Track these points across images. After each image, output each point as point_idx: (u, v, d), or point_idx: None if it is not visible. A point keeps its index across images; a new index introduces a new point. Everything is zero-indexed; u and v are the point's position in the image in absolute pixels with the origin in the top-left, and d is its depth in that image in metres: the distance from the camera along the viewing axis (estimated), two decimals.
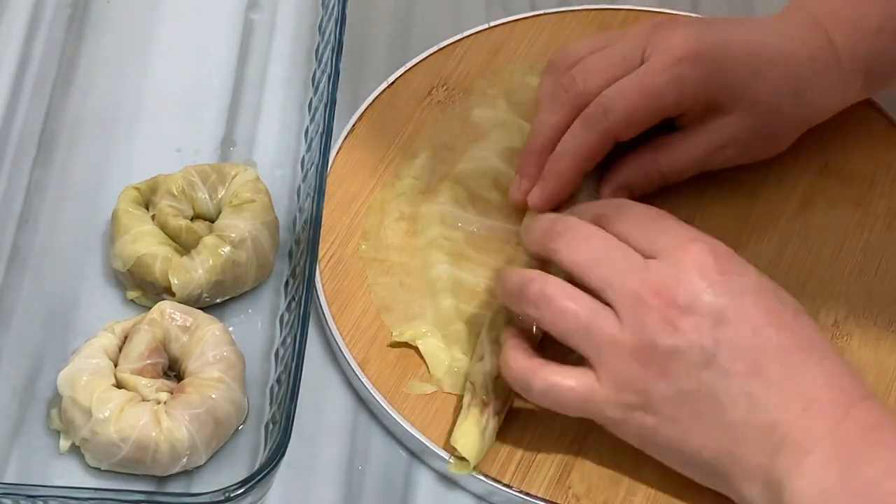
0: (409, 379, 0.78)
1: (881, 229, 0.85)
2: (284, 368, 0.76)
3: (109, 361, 0.77)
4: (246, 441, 0.77)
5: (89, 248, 0.84)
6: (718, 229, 0.84)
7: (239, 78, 0.91)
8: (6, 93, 0.90)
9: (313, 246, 0.78)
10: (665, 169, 0.83)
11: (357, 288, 0.82)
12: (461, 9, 0.95)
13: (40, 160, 0.87)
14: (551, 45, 0.92)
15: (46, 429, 0.77)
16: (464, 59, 0.91)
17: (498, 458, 0.76)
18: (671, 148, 0.83)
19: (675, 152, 0.83)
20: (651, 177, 0.83)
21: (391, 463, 0.77)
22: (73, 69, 0.91)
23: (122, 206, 0.82)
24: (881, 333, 0.81)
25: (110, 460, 0.75)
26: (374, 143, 0.88)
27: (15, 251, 0.84)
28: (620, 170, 0.83)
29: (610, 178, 0.83)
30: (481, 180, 0.85)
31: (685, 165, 0.83)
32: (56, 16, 0.94)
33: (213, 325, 0.78)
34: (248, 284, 0.82)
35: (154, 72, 0.92)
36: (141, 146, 0.88)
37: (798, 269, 0.83)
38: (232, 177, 0.83)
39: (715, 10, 0.95)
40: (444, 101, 0.89)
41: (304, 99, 0.90)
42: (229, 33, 0.94)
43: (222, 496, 0.70)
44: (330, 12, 0.89)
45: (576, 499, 0.75)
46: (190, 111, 0.90)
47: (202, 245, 0.80)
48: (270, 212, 0.83)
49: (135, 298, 0.81)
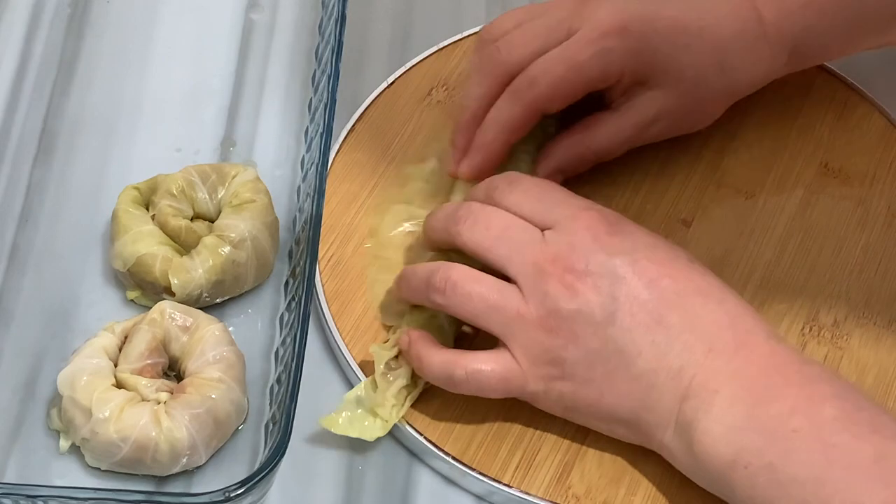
0: None
1: (881, 229, 0.85)
2: (284, 368, 0.76)
3: (109, 361, 0.77)
4: (246, 441, 0.77)
5: (89, 248, 0.84)
6: (718, 229, 0.85)
7: (239, 78, 0.91)
8: (6, 93, 0.90)
9: (313, 246, 0.78)
10: (596, 146, 0.84)
11: (357, 288, 0.82)
12: (461, 9, 0.95)
13: (40, 160, 0.87)
14: None
15: (46, 429, 0.77)
16: (464, 60, 0.91)
17: (498, 458, 0.76)
18: (600, 125, 0.83)
19: (604, 130, 0.83)
20: (583, 156, 0.84)
21: (391, 463, 0.77)
22: (73, 69, 0.91)
23: (122, 206, 0.82)
24: (881, 333, 0.81)
25: (110, 460, 0.75)
26: (374, 143, 0.88)
27: (15, 251, 0.84)
28: (552, 151, 0.84)
29: (543, 159, 0.84)
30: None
31: (616, 142, 0.84)
32: (56, 16, 0.94)
33: (213, 325, 0.78)
34: (248, 284, 0.82)
35: (154, 72, 0.92)
36: (141, 146, 0.88)
37: (798, 269, 0.83)
38: (232, 177, 0.83)
39: None
40: (444, 101, 0.89)
41: (304, 99, 0.90)
42: (229, 33, 0.94)
43: (222, 496, 0.70)
44: (330, 12, 0.89)
45: (576, 499, 0.75)
46: (190, 111, 0.90)
47: (202, 245, 0.80)
48: (270, 212, 0.82)
49: (135, 298, 0.81)
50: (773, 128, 0.89)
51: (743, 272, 0.83)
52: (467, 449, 0.76)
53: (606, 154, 0.84)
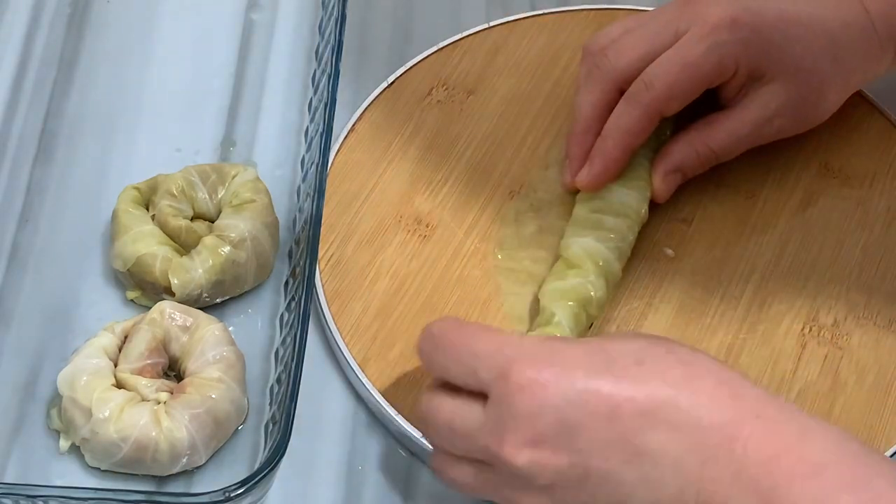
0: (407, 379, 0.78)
1: (881, 229, 0.85)
2: (284, 368, 0.76)
3: (109, 361, 0.77)
4: (246, 441, 0.77)
5: (89, 248, 0.84)
6: (718, 229, 0.85)
7: (239, 78, 0.91)
8: (6, 93, 0.90)
9: (313, 246, 0.78)
10: (715, 144, 0.83)
11: (357, 288, 0.82)
12: (461, 9, 0.95)
13: (40, 160, 0.87)
14: (551, 45, 0.92)
15: (46, 429, 0.77)
16: (464, 59, 0.91)
17: None
18: (719, 123, 0.83)
19: (723, 127, 0.83)
20: (702, 155, 0.83)
21: (391, 463, 0.77)
22: (73, 69, 0.91)
23: (122, 206, 0.82)
24: (881, 333, 0.81)
25: (110, 460, 0.75)
26: (374, 143, 0.88)
27: (15, 251, 0.84)
28: (671, 150, 0.83)
29: (661, 159, 0.83)
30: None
31: (735, 139, 0.83)
32: (56, 16, 0.94)
33: (213, 324, 0.78)
34: (248, 284, 0.82)
35: (154, 72, 0.92)
36: (141, 146, 0.88)
37: (798, 269, 0.83)
38: (232, 177, 0.83)
39: None
40: (444, 100, 0.89)
41: (304, 99, 0.90)
42: (229, 33, 0.94)
43: (222, 496, 0.70)
44: (330, 12, 0.89)
45: None
46: (190, 111, 0.90)
47: (202, 245, 0.80)
48: (270, 212, 0.82)
49: (135, 298, 0.81)
50: None
51: (743, 272, 0.83)
52: None
53: (726, 152, 0.83)
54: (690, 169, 0.83)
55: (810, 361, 0.80)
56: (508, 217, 0.85)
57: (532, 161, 0.87)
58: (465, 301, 0.81)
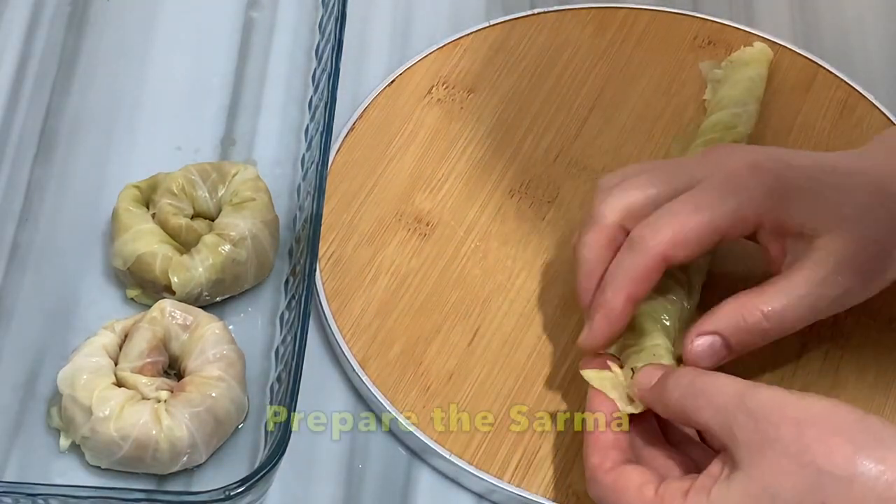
0: (408, 378, 0.78)
1: None
2: (284, 367, 0.76)
3: (109, 360, 0.77)
4: (246, 440, 0.77)
5: (89, 247, 0.84)
6: None
7: (239, 76, 0.91)
8: (6, 92, 0.90)
9: (313, 244, 0.78)
10: (767, 310, 0.72)
11: (357, 286, 0.82)
12: (461, 7, 0.95)
13: (40, 159, 0.87)
14: (551, 44, 0.92)
15: (46, 427, 0.77)
16: (464, 58, 0.91)
17: (498, 457, 0.76)
18: (771, 284, 0.73)
19: (776, 287, 0.73)
20: (755, 324, 0.73)
21: (391, 462, 0.77)
22: (73, 68, 0.91)
23: (123, 205, 0.82)
24: (881, 333, 0.81)
25: (110, 459, 0.75)
26: (375, 141, 0.88)
27: (15, 250, 0.84)
28: (711, 311, 0.74)
29: (701, 322, 0.74)
30: None
31: (792, 305, 0.73)
32: (56, 15, 0.94)
33: (214, 323, 0.78)
34: (249, 283, 0.82)
35: (154, 70, 0.92)
36: (141, 144, 0.88)
37: None
38: (232, 175, 0.83)
39: (715, 8, 0.95)
40: (444, 99, 0.89)
41: (305, 97, 0.90)
42: (229, 32, 0.94)
43: (222, 495, 0.70)
44: (330, 10, 0.89)
45: (576, 497, 0.75)
46: (190, 109, 0.90)
47: (202, 243, 0.80)
48: (270, 210, 0.83)
49: (135, 297, 0.81)
50: (773, 127, 0.89)
51: (743, 272, 0.83)
52: (467, 447, 0.76)
53: (783, 322, 0.73)
54: (739, 343, 0.73)
55: (810, 360, 0.80)
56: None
57: (532, 160, 0.87)
58: (465, 300, 0.81)
